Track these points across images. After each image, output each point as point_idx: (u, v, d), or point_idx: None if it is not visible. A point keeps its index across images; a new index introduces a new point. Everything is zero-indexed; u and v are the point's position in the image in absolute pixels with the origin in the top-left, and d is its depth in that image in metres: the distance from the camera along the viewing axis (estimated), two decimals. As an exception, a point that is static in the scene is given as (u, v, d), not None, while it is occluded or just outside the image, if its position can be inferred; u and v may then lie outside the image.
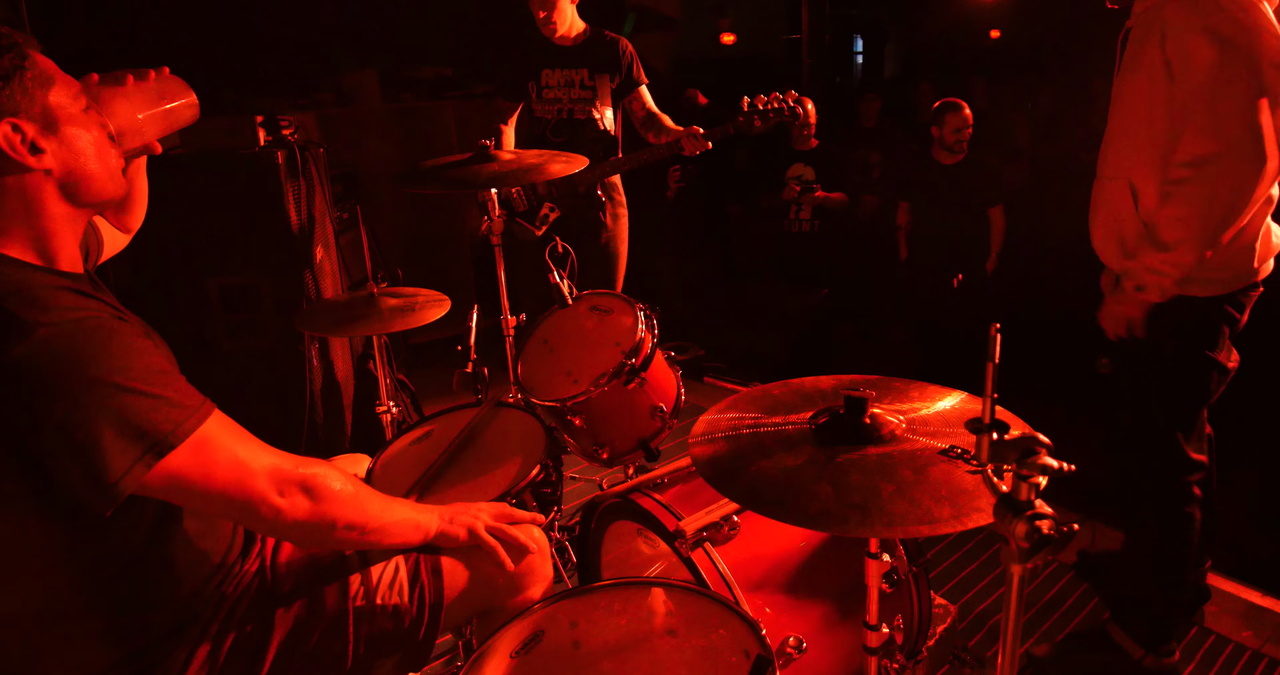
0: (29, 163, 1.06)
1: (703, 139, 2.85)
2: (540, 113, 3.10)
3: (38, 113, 1.07)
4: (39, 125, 1.07)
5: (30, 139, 1.06)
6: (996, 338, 0.90)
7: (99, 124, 1.16)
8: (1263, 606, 2.37)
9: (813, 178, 4.50)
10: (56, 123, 1.09)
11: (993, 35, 7.50)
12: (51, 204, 1.11)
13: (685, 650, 1.34)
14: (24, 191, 1.08)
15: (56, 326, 0.99)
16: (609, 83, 3.12)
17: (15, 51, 1.05)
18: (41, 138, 1.07)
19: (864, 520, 1.09)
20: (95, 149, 1.14)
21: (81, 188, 1.13)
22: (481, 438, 2.06)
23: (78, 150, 1.11)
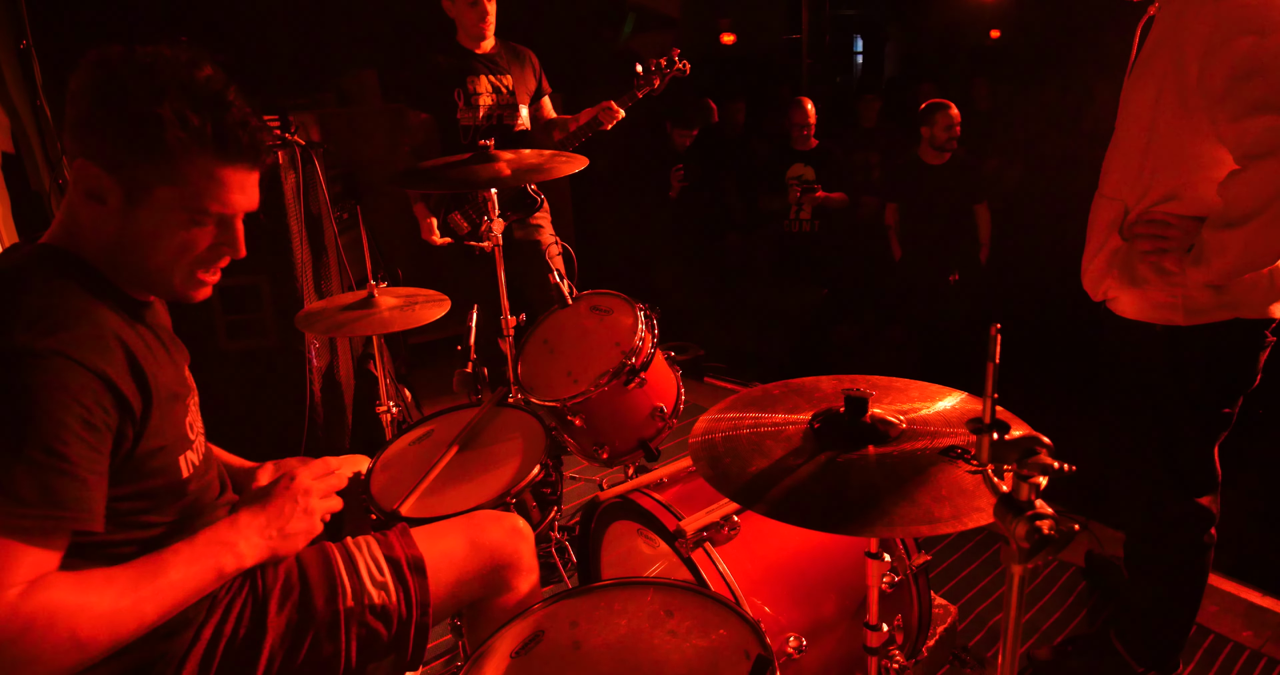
0: (80, 198, 1.05)
1: (615, 108, 3.02)
2: (466, 121, 3.12)
3: (134, 181, 1.04)
4: (120, 187, 1.05)
5: (103, 187, 1.04)
6: (996, 338, 0.90)
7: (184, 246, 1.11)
8: (1263, 606, 2.37)
9: (813, 178, 4.50)
10: (143, 203, 1.06)
11: (993, 35, 7.50)
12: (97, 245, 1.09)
13: (685, 650, 1.34)
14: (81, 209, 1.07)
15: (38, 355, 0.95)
16: (526, 88, 3.23)
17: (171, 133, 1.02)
18: (113, 197, 1.05)
19: (864, 520, 1.09)
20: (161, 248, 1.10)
21: (123, 262, 1.11)
22: (481, 438, 2.06)
23: (140, 233, 1.08)
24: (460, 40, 3.13)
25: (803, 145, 4.54)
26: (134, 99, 1.01)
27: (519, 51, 3.26)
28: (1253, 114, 1.37)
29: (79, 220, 1.09)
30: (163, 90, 1.01)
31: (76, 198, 1.07)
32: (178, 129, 1.02)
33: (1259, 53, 1.36)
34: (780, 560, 1.58)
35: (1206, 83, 1.44)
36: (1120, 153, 1.70)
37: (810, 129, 4.48)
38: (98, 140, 1.02)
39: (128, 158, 1.03)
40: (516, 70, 3.21)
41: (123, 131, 1.01)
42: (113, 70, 1.01)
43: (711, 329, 4.65)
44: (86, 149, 1.03)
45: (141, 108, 1.01)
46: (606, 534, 1.81)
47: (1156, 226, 1.58)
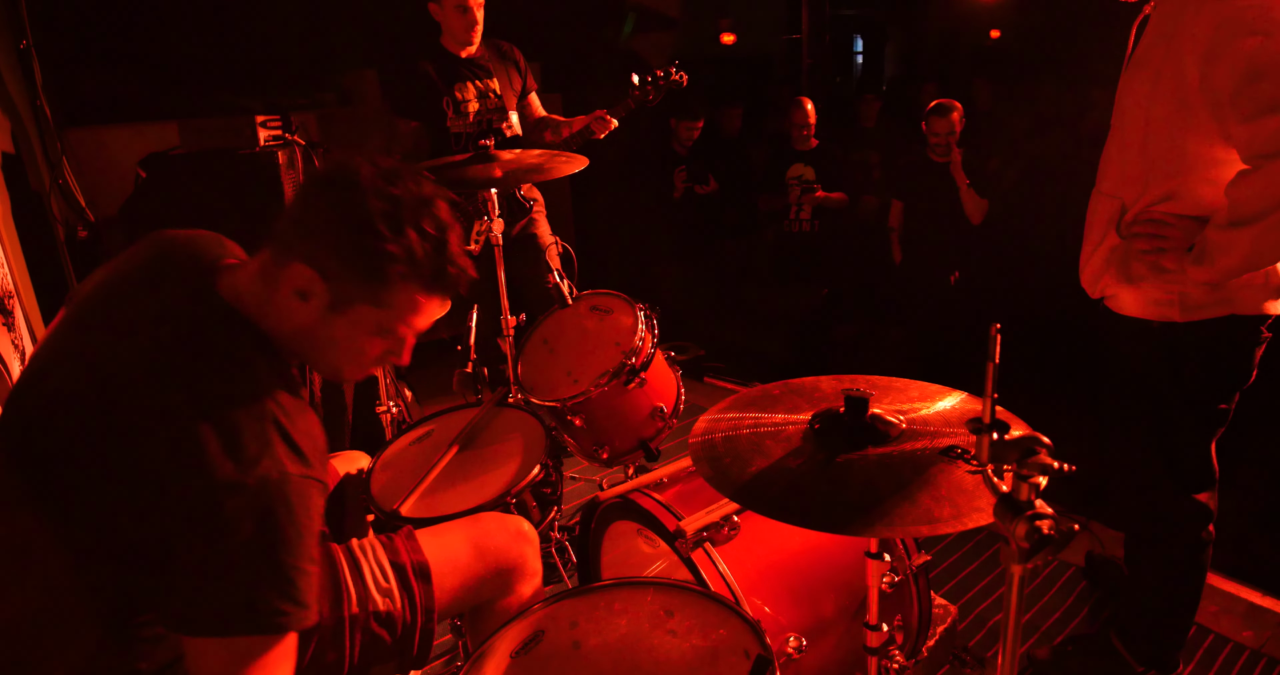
0: (285, 294, 1.09)
1: (609, 118, 3.01)
2: (457, 128, 3.11)
3: (342, 294, 1.08)
4: (329, 296, 1.09)
5: (313, 292, 1.08)
6: (996, 338, 0.90)
7: (365, 354, 1.17)
8: (1263, 606, 2.37)
9: (813, 178, 4.50)
10: (342, 312, 1.10)
11: (993, 35, 7.51)
12: (285, 330, 1.13)
13: (685, 650, 1.34)
14: (284, 298, 1.10)
15: (265, 483, 1.00)
16: (512, 89, 3.21)
17: (402, 262, 1.06)
18: (318, 300, 1.09)
19: (864, 520, 1.09)
20: (341, 350, 1.16)
21: (305, 348, 1.15)
22: (482, 438, 2.07)
23: (330, 335, 1.13)
24: (445, 44, 3.10)
25: (803, 145, 4.54)
26: (373, 230, 1.05)
27: (502, 49, 3.23)
28: (1265, 115, 1.37)
29: (274, 302, 1.12)
30: (402, 227, 1.06)
31: (281, 289, 1.10)
32: (404, 265, 1.07)
33: (1266, 54, 1.36)
34: (780, 560, 1.58)
35: (1212, 83, 1.44)
36: (1117, 150, 1.69)
37: (810, 129, 4.48)
38: (325, 254, 1.06)
39: (348, 276, 1.07)
40: (501, 70, 3.19)
41: (353, 255, 1.06)
42: (362, 195, 1.05)
43: (711, 329, 4.65)
44: (310, 256, 1.06)
45: (378, 241, 1.05)
46: (606, 534, 1.82)
47: (1154, 225, 1.58)
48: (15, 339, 1.88)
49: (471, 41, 3.07)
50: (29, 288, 2.31)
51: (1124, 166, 1.66)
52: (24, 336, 1.97)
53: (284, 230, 1.10)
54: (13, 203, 2.38)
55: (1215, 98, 1.45)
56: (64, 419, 1.07)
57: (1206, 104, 1.47)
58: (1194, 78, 1.47)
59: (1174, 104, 1.52)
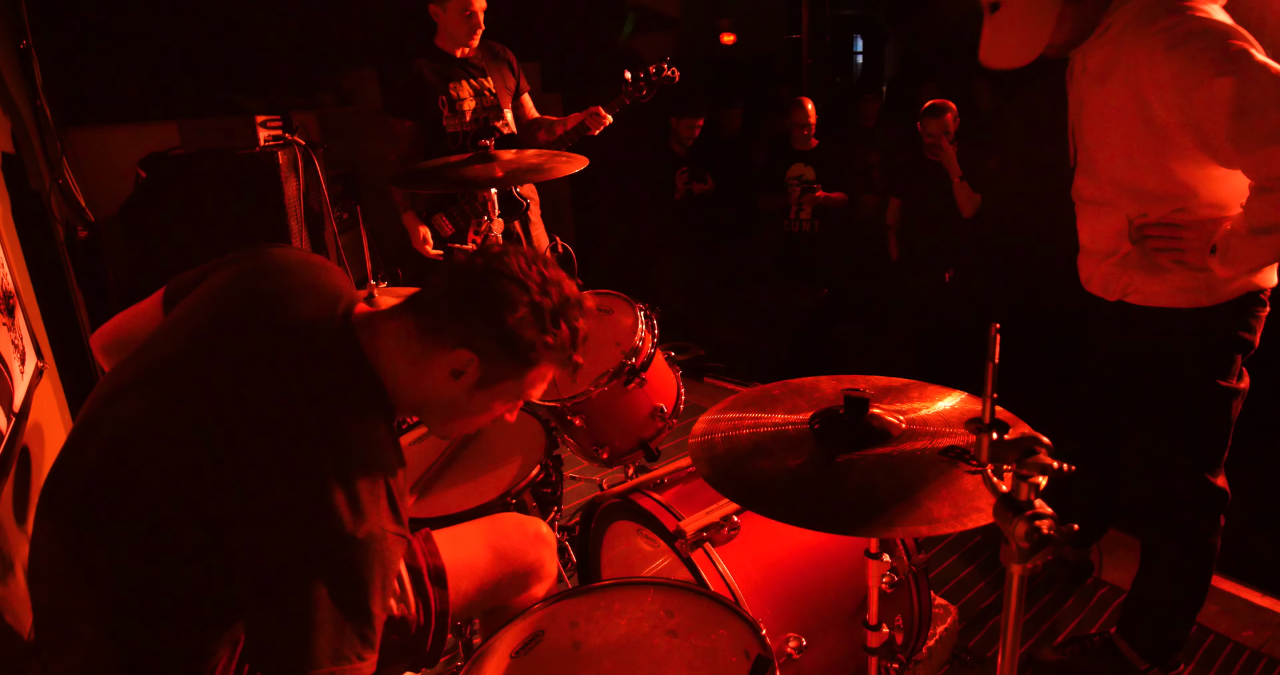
0: (443, 374, 1.19)
1: (603, 114, 3.03)
2: (453, 127, 3.11)
3: (493, 373, 1.21)
4: (480, 375, 1.20)
5: (467, 372, 1.19)
6: (996, 338, 0.90)
7: (490, 415, 1.30)
8: (1263, 606, 2.37)
9: (813, 178, 4.50)
10: (487, 388, 1.23)
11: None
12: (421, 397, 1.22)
13: (685, 650, 1.34)
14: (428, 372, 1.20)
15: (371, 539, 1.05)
16: (506, 89, 3.21)
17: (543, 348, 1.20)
18: (469, 378, 1.20)
19: (864, 520, 1.09)
20: (470, 416, 1.28)
21: (433, 412, 1.27)
22: (481, 438, 2.07)
23: (467, 405, 1.25)
24: (439, 43, 3.09)
25: (803, 145, 4.54)
26: (537, 324, 1.19)
27: (495, 50, 3.23)
28: (1265, 146, 1.43)
29: (423, 373, 1.20)
30: (558, 322, 1.22)
31: (436, 367, 1.20)
32: (554, 352, 1.22)
33: (1242, 92, 1.42)
34: (780, 560, 1.58)
35: (1196, 125, 1.51)
36: (1103, 172, 1.76)
37: (810, 129, 4.48)
38: (487, 341, 1.18)
39: (504, 360, 1.20)
40: (495, 70, 3.19)
41: (514, 344, 1.19)
42: (527, 292, 1.18)
43: (711, 329, 4.65)
44: (470, 342, 1.18)
45: (540, 334, 1.20)
46: (606, 534, 1.82)
47: (1169, 229, 1.63)
48: (15, 339, 1.88)
49: (471, 45, 3.07)
50: (29, 288, 2.30)
51: (1117, 183, 1.72)
52: (24, 336, 1.97)
53: (438, 312, 1.20)
54: (13, 203, 2.38)
55: (1205, 136, 1.51)
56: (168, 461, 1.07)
57: (1196, 142, 1.54)
58: (1167, 117, 1.55)
59: (1154, 140, 1.60)
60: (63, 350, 2.45)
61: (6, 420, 1.64)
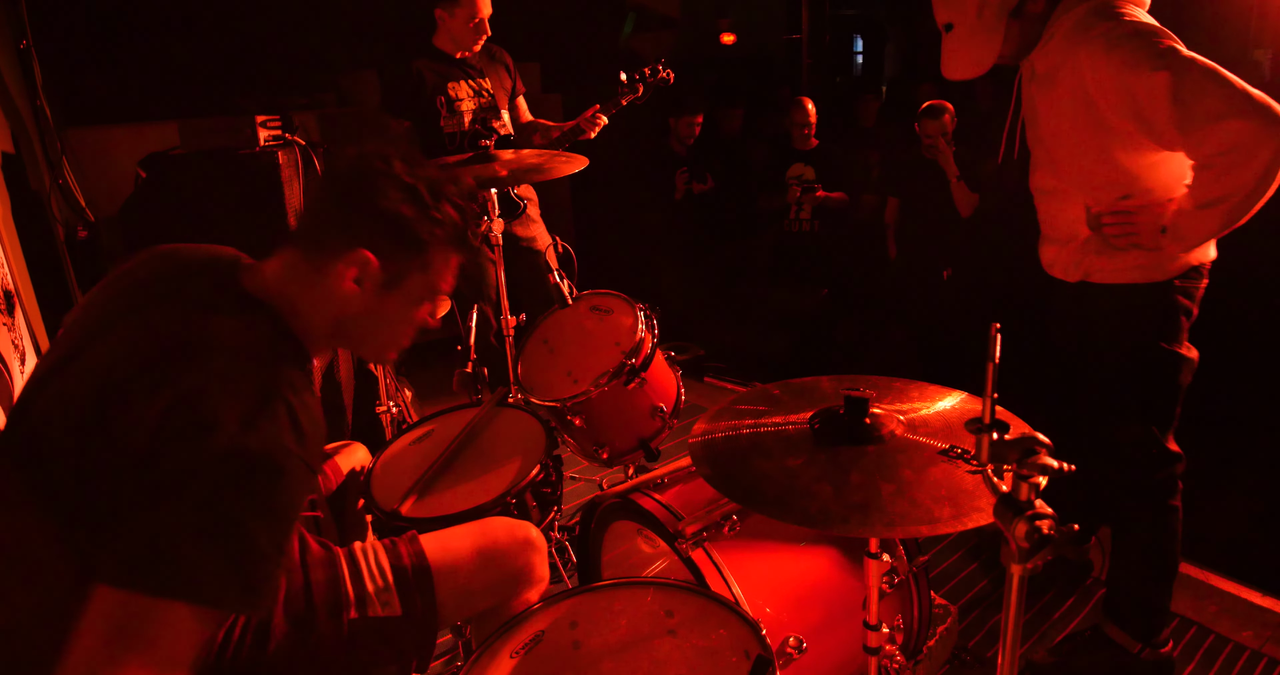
0: (345, 286, 1.18)
1: (600, 117, 3.06)
2: (451, 127, 3.11)
3: (394, 269, 1.19)
4: (382, 275, 1.18)
5: (368, 274, 1.17)
6: (996, 338, 0.90)
7: (412, 322, 1.29)
8: (1263, 606, 2.37)
9: (813, 178, 4.50)
10: (395, 288, 1.21)
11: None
12: (331, 318, 1.21)
13: (685, 650, 1.34)
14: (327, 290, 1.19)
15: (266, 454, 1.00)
16: (504, 88, 3.22)
17: (434, 227, 1.20)
18: (372, 280, 1.18)
19: (864, 520, 1.09)
20: (393, 325, 1.27)
21: (352, 332, 1.24)
22: (481, 438, 2.07)
23: (383, 312, 1.23)
24: (438, 44, 3.09)
25: (803, 145, 4.54)
26: (419, 204, 1.19)
27: (493, 51, 3.24)
28: (1203, 127, 1.59)
29: (320, 293, 1.19)
30: (438, 199, 1.20)
31: (332, 280, 1.18)
32: (443, 229, 1.21)
33: (1180, 78, 1.59)
34: (780, 560, 1.58)
35: (1138, 113, 1.66)
36: (1059, 167, 1.92)
37: (810, 129, 4.48)
38: (377, 236, 1.17)
39: (400, 251, 1.19)
40: (492, 71, 3.20)
41: (404, 231, 1.18)
42: (398, 180, 1.18)
43: (711, 329, 4.65)
44: (364, 241, 1.16)
45: (424, 211, 1.19)
46: (606, 534, 1.82)
47: (1122, 216, 1.80)
48: (15, 339, 1.88)
49: (474, 49, 3.08)
50: (29, 288, 2.30)
51: (1070, 175, 1.89)
52: (24, 336, 1.97)
53: (316, 227, 1.19)
54: (13, 203, 2.38)
55: (1147, 123, 1.67)
56: (75, 410, 1.06)
57: (1138, 129, 1.70)
58: (1110, 111, 1.71)
59: (1100, 133, 1.76)
60: (63, 350, 2.44)
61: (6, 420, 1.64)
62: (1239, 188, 1.60)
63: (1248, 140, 1.56)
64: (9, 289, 1.94)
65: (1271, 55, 3.91)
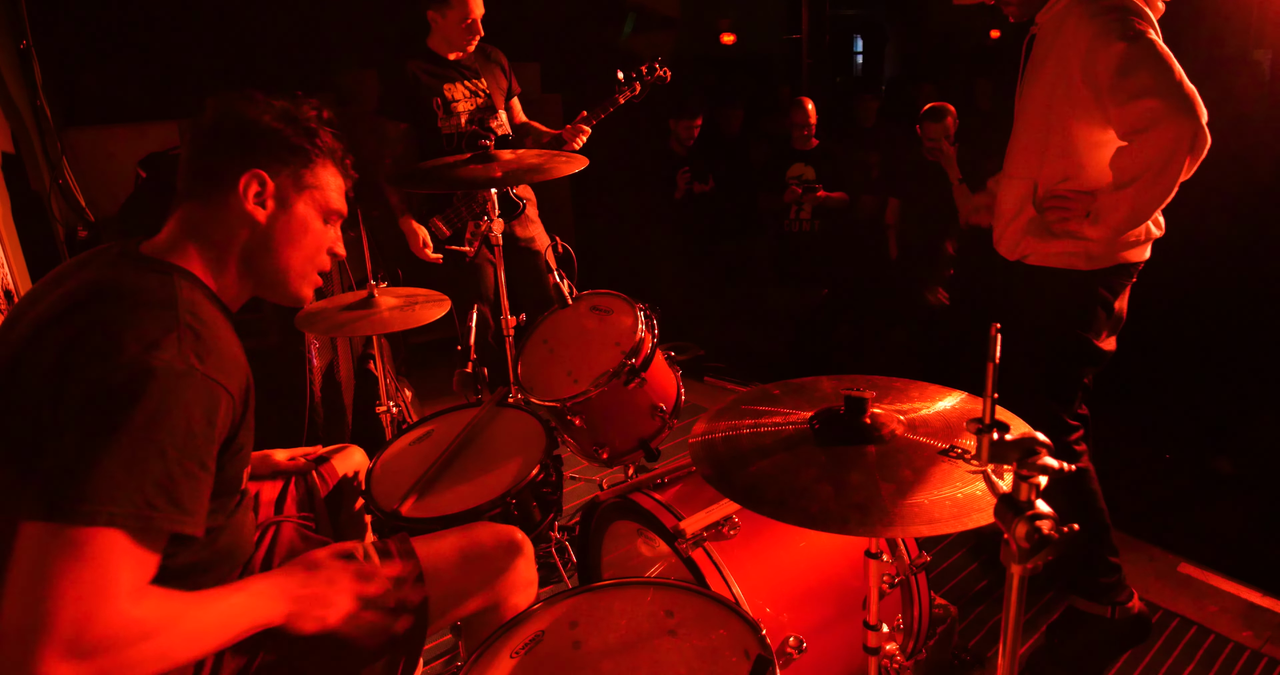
0: (248, 207, 1.24)
1: (581, 126, 3.08)
2: (448, 129, 3.10)
3: (287, 183, 1.27)
4: (276, 190, 1.26)
5: (265, 190, 1.25)
6: (997, 338, 0.90)
7: (319, 246, 1.34)
8: (1263, 606, 2.38)
9: (813, 178, 4.50)
10: (292, 204, 1.29)
11: (993, 35, 7.50)
12: (239, 248, 1.26)
13: (685, 650, 1.34)
14: (230, 225, 1.25)
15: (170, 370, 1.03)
16: (500, 88, 3.22)
17: (309, 138, 1.29)
18: (270, 196, 1.25)
19: (864, 520, 1.09)
20: (301, 243, 1.31)
21: (264, 262, 1.28)
22: (481, 438, 2.07)
23: (289, 231, 1.29)
24: (433, 46, 3.08)
25: (803, 145, 4.53)
26: (289, 122, 1.29)
27: (488, 51, 3.23)
28: (1134, 99, 1.74)
29: (222, 227, 1.25)
30: (301, 120, 1.30)
31: (233, 208, 1.24)
32: (319, 141, 1.30)
33: (1131, 54, 1.75)
34: (780, 560, 1.58)
35: (1093, 79, 1.81)
36: (1022, 143, 2.08)
37: (810, 129, 4.48)
38: (262, 157, 1.25)
39: (284, 165, 1.27)
40: (487, 72, 3.19)
41: (282, 145, 1.27)
42: (263, 109, 1.28)
43: (711, 329, 4.65)
44: (251, 165, 1.24)
45: (293, 126, 1.29)
46: (606, 534, 1.82)
47: (1059, 200, 1.96)
48: (15, 339, 1.88)
49: (467, 50, 3.07)
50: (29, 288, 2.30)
51: (1029, 155, 2.05)
52: (24, 336, 1.98)
53: (201, 172, 1.25)
54: (13, 203, 2.38)
55: (1097, 90, 1.82)
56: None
57: (1091, 96, 1.84)
58: (1078, 76, 1.85)
59: (1066, 101, 1.91)
60: (63, 350, 2.44)
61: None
62: (1146, 166, 1.75)
63: (1160, 119, 1.71)
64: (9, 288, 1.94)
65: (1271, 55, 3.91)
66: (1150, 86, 1.72)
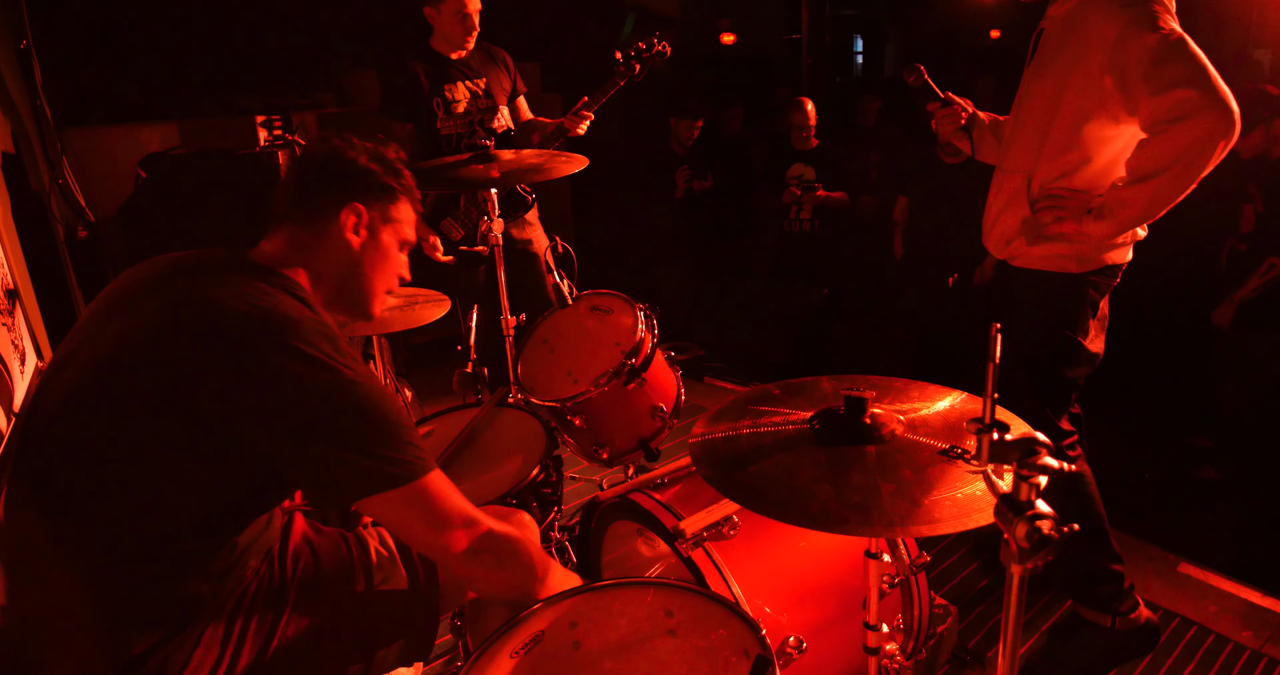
0: (347, 235, 1.40)
1: (584, 112, 3.05)
2: (447, 129, 3.10)
3: (377, 215, 1.44)
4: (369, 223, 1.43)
5: (363, 222, 1.42)
6: (997, 338, 0.90)
7: (397, 270, 1.52)
8: (1263, 606, 2.38)
9: (813, 178, 4.50)
10: (379, 234, 1.45)
11: (993, 35, 7.50)
12: (339, 271, 1.42)
13: (685, 650, 1.34)
14: (330, 249, 1.41)
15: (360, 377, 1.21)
16: (503, 88, 3.21)
17: (396, 178, 1.46)
18: (365, 227, 1.42)
19: (864, 520, 1.09)
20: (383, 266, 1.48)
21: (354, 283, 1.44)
22: (481, 438, 2.07)
23: (376, 256, 1.46)
24: (435, 46, 3.09)
25: (803, 145, 4.53)
26: (384, 165, 1.46)
27: (492, 52, 3.23)
28: (1168, 89, 1.71)
29: (322, 249, 1.40)
30: (393, 165, 1.48)
31: (332, 235, 1.40)
32: (405, 182, 1.49)
33: (1167, 44, 1.73)
34: (780, 560, 1.58)
35: (1121, 68, 1.79)
36: (1020, 135, 2.05)
37: (810, 129, 4.48)
38: (362, 192, 1.42)
39: (378, 201, 1.44)
40: (491, 72, 3.19)
41: (378, 185, 1.44)
42: (363, 152, 1.45)
43: (711, 329, 4.65)
44: (356, 195, 1.41)
45: (388, 169, 1.46)
46: (606, 534, 1.82)
47: (1055, 200, 1.95)
48: (15, 339, 1.88)
49: (466, 46, 3.07)
50: (29, 288, 2.30)
51: (1027, 148, 2.02)
52: (24, 336, 1.98)
53: (305, 200, 1.40)
54: (13, 203, 2.38)
55: (1124, 79, 1.79)
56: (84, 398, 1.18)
57: (1115, 86, 1.81)
58: (1100, 67, 1.82)
59: (1080, 92, 1.87)
60: (63, 350, 2.44)
61: (6, 420, 1.64)
62: (1175, 158, 1.72)
63: (1195, 110, 1.69)
64: (9, 288, 1.94)
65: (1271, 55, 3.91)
66: (1186, 77, 1.69)
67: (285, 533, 1.43)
